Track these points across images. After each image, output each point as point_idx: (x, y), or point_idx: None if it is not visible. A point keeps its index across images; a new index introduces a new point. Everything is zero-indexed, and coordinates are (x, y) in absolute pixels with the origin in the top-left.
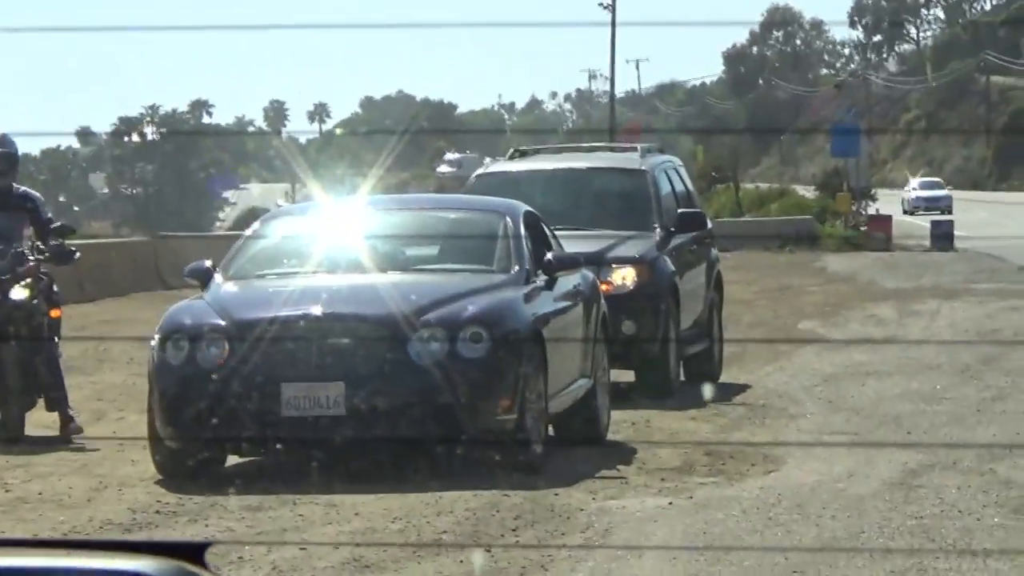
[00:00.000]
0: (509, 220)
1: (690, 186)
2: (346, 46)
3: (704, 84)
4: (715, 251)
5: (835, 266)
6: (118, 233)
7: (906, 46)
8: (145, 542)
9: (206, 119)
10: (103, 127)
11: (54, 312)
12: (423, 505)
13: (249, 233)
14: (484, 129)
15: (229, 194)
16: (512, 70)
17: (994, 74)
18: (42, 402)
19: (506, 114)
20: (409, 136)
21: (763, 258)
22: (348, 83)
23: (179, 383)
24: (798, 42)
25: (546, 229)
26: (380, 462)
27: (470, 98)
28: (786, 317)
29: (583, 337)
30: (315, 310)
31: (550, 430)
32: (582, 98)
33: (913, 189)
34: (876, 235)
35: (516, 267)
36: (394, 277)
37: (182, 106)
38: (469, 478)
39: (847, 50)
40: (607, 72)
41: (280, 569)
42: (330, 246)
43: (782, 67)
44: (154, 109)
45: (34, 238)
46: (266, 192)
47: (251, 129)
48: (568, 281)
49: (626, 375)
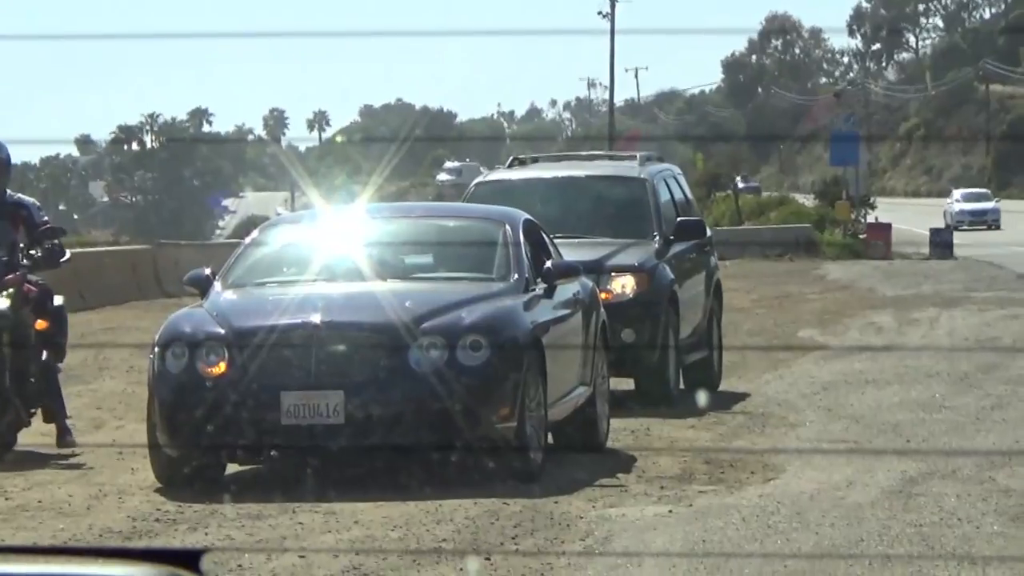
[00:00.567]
0: (508, 228)
1: (689, 194)
2: (346, 55)
3: (703, 92)
4: (714, 259)
5: (834, 274)
6: (117, 241)
7: (905, 55)
8: (140, 549)
9: (206, 128)
10: (102, 135)
11: (39, 324)
12: (422, 513)
13: (248, 241)
14: (484, 136)
15: (228, 202)
16: (512, 79)
17: (993, 82)
18: (41, 412)
19: (506, 123)
20: (409, 144)
21: (762, 266)
22: (348, 91)
23: (178, 391)
24: (797, 51)
25: (545, 237)
26: (379, 470)
27: (470, 107)
28: (785, 325)
29: (582, 345)
30: (314, 318)
31: (549, 438)
32: (581, 107)
33: (956, 202)
34: (875, 243)
35: (515, 275)
36: (393, 285)
37: (181, 115)
38: (468, 486)
39: (846, 59)
40: (606, 81)
41: None
42: (329, 254)
43: (781, 76)
44: (153, 117)
45: (26, 245)
46: (265, 200)
47: (251, 138)
48: (567, 289)
49: (625, 383)
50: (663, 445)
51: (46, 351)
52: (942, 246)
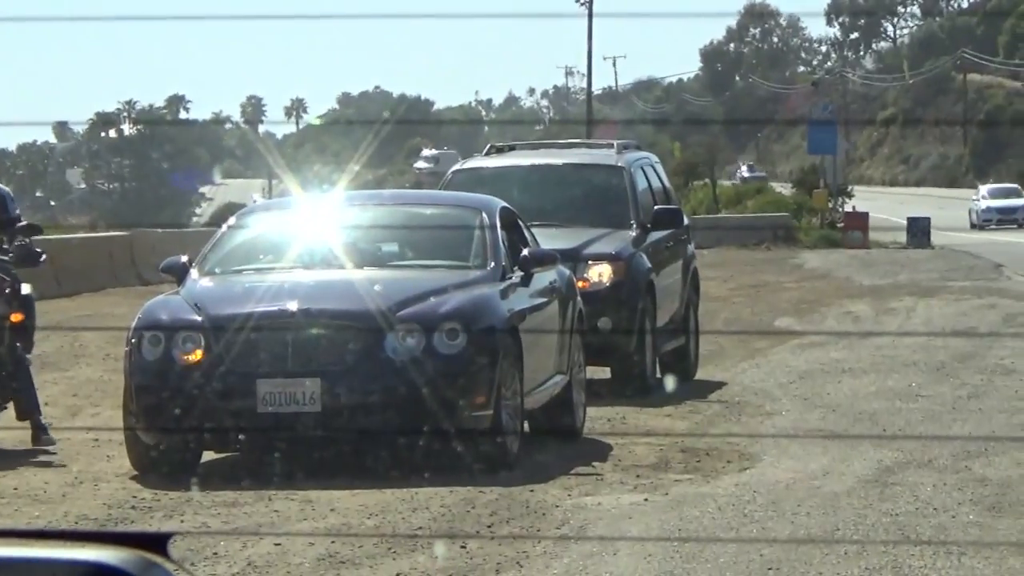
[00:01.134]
0: (485, 216)
1: (667, 183)
2: (323, 42)
3: (681, 81)
4: (692, 248)
5: (812, 263)
6: (94, 228)
7: (883, 44)
8: (108, 532)
9: (183, 114)
10: (80, 121)
11: (15, 317)
12: (398, 501)
13: (225, 229)
14: (465, 121)
15: (205, 190)
16: (490, 67)
17: (971, 72)
18: (13, 408)
19: (483, 110)
20: (386, 132)
21: (740, 255)
22: (325, 79)
23: (155, 379)
24: (775, 39)
25: (522, 225)
26: (356, 458)
27: (448, 94)
28: (763, 314)
29: (559, 333)
30: (291, 306)
31: (526, 426)
32: (559, 95)
33: (983, 198)
34: (852, 232)
35: (492, 263)
36: (370, 273)
37: (159, 101)
38: (444, 474)
39: (824, 47)
40: (584, 69)
41: (255, 565)
42: (306, 242)
43: (759, 64)
44: (131, 104)
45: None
46: (242, 188)
47: (228, 125)
48: (544, 277)
49: (602, 371)
50: (639, 433)
51: (18, 342)
52: (919, 235)
